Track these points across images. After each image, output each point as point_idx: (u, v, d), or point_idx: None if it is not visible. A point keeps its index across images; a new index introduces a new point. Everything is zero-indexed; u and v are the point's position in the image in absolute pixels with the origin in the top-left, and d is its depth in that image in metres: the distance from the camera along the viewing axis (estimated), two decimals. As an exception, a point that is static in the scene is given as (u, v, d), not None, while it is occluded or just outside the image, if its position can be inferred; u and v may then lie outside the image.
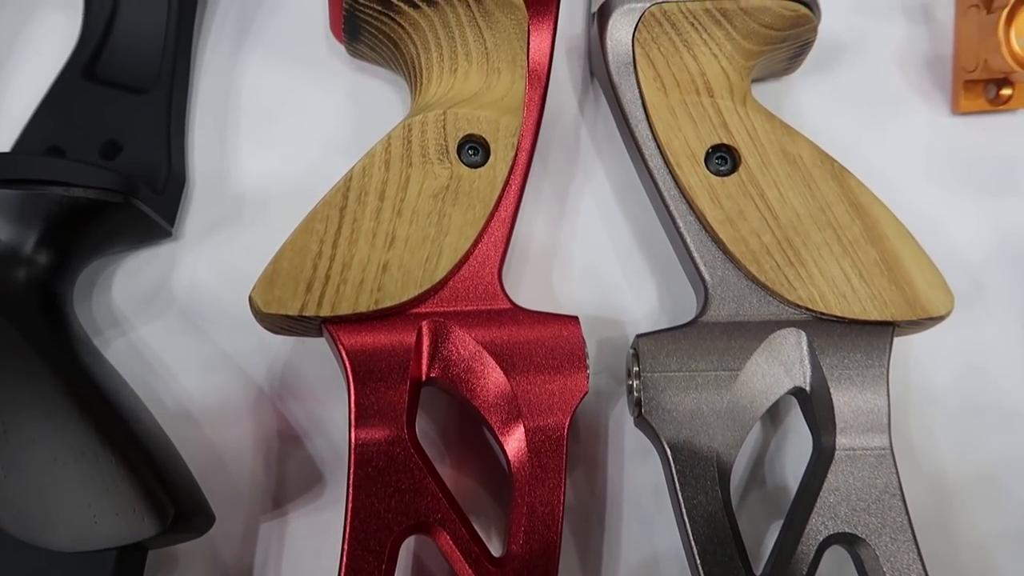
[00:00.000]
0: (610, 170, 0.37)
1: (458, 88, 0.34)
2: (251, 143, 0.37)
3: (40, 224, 0.30)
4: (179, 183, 0.35)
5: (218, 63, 0.38)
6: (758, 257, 0.30)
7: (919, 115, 0.39)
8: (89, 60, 0.36)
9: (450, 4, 0.33)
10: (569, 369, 0.30)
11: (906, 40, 0.40)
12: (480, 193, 0.32)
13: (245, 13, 0.39)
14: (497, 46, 0.34)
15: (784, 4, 0.34)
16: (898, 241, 0.30)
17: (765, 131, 0.32)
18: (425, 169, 0.32)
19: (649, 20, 0.34)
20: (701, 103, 0.32)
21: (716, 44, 0.34)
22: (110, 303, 0.35)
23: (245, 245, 0.36)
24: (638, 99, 0.33)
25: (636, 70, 0.33)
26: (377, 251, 0.30)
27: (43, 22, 0.39)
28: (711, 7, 0.34)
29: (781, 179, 0.31)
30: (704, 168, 0.32)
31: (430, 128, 0.32)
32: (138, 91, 0.35)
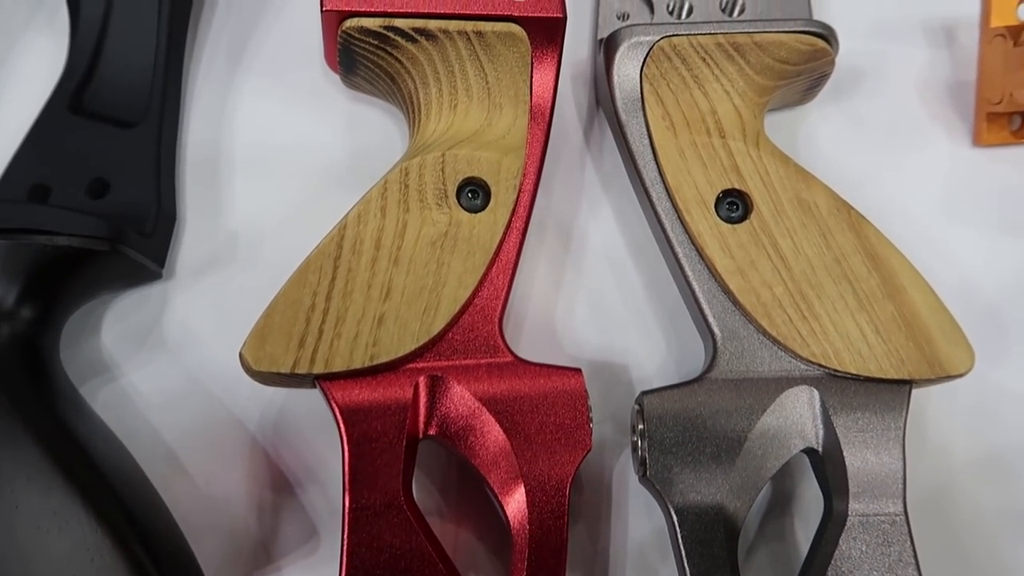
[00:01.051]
0: (616, 206, 0.36)
1: (458, 125, 0.32)
2: (244, 176, 0.36)
3: (22, 275, 0.29)
4: (169, 222, 0.34)
5: (210, 92, 0.37)
6: (770, 310, 0.29)
7: (939, 146, 0.37)
8: (76, 92, 0.34)
9: (449, 38, 0.32)
10: (572, 426, 0.29)
11: (927, 65, 0.38)
12: (480, 239, 0.31)
13: (237, 39, 0.38)
14: (499, 80, 0.33)
15: (800, 38, 0.32)
16: (917, 294, 0.29)
17: (779, 176, 0.30)
18: (423, 215, 0.30)
19: (658, 54, 0.32)
20: (712, 144, 0.31)
21: (728, 80, 0.32)
22: (99, 347, 0.34)
23: (239, 284, 0.34)
24: (646, 139, 0.32)
25: (644, 107, 0.32)
26: (373, 303, 0.29)
27: (29, 47, 0.38)
28: (723, 41, 0.32)
29: (795, 228, 0.30)
30: (714, 214, 0.30)
31: (428, 171, 0.31)
32: (127, 125, 0.34)
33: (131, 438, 0.32)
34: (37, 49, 0.38)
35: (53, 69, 0.36)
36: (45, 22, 0.38)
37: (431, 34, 0.32)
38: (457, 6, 0.32)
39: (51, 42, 0.37)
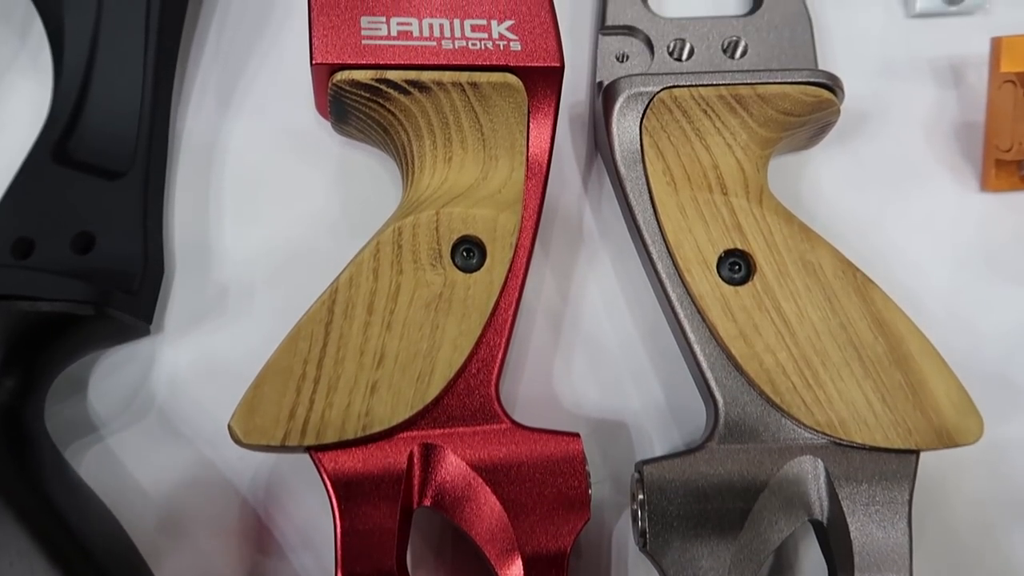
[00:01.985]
0: (615, 255, 0.35)
1: (453, 179, 0.31)
2: (234, 224, 0.35)
3: (2, 343, 0.28)
4: (157, 276, 0.33)
5: (197, 136, 0.36)
6: (773, 377, 0.28)
7: (946, 191, 0.36)
8: (59, 140, 0.33)
9: (444, 89, 0.31)
10: (570, 496, 0.29)
11: (934, 106, 0.37)
12: (476, 300, 0.30)
13: (226, 82, 0.36)
14: (495, 132, 0.32)
15: (805, 89, 0.31)
16: (924, 362, 0.28)
17: (782, 236, 0.29)
18: (416, 276, 0.29)
19: (659, 106, 0.31)
20: (714, 201, 0.30)
21: (730, 133, 0.31)
22: (84, 404, 0.33)
23: (229, 337, 0.34)
24: (646, 193, 0.31)
25: (644, 161, 0.31)
26: (365, 371, 0.28)
27: (11, 89, 0.37)
28: (726, 93, 0.31)
29: (799, 291, 0.29)
30: (716, 275, 0.29)
31: (422, 231, 0.30)
32: (112, 176, 0.33)
33: (118, 502, 0.31)
34: (20, 91, 0.37)
35: (37, 113, 0.35)
36: (28, 63, 0.37)
37: (424, 86, 0.31)
38: (451, 57, 0.31)
39: (35, 84, 0.36)
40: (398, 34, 0.31)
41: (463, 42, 0.31)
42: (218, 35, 0.37)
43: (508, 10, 0.32)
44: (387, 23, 0.31)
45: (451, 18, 0.32)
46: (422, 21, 0.31)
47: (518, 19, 0.32)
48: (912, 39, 0.38)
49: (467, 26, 0.32)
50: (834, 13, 0.38)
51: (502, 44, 0.32)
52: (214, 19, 0.37)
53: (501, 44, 0.32)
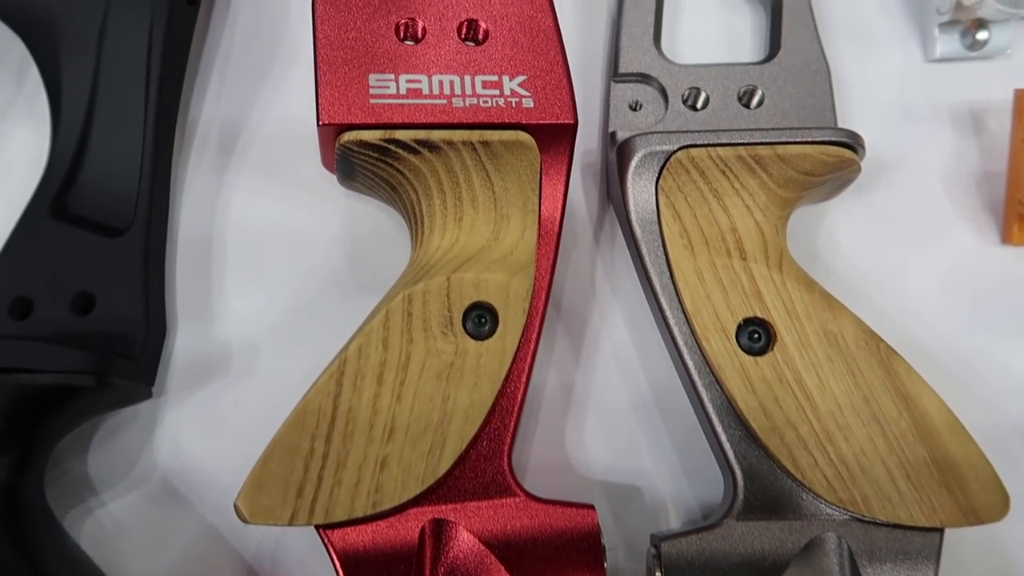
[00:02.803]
0: (628, 313, 0.34)
1: (463, 241, 0.30)
2: (237, 280, 0.34)
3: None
4: (159, 337, 0.32)
5: (199, 188, 0.35)
6: (794, 452, 0.28)
7: (966, 243, 0.35)
8: (57, 195, 0.32)
9: (454, 148, 0.30)
10: (585, 569, 0.28)
11: (954, 154, 0.36)
12: (488, 368, 0.29)
13: (228, 131, 0.36)
14: (506, 190, 0.31)
15: (826, 149, 0.30)
16: (950, 437, 0.27)
17: (803, 304, 0.29)
18: (427, 345, 0.29)
19: (675, 166, 0.30)
20: (732, 267, 0.29)
21: (749, 194, 0.30)
22: (85, 469, 0.32)
23: (233, 399, 0.33)
24: (662, 257, 0.30)
25: (660, 222, 0.30)
26: (375, 445, 0.28)
27: (7, 138, 0.36)
28: (744, 154, 0.30)
29: (821, 362, 0.28)
30: (735, 344, 0.29)
31: (433, 298, 0.29)
32: (112, 232, 0.32)
33: (120, 571, 0.30)
34: (16, 140, 0.36)
35: (34, 162, 0.34)
36: (25, 109, 0.36)
37: (434, 145, 0.30)
38: (462, 115, 0.30)
39: (31, 132, 0.35)
40: (407, 92, 0.30)
41: (474, 99, 0.30)
42: (219, 83, 0.36)
43: (520, 65, 0.31)
44: (396, 81, 0.30)
45: (462, 74, 0.31)
46: (432, 78, 0.30)
47: (531, 74, 0.31)
48: (931, 85, 0.37)
49: (478, 82, 0.31)
50: (852, 58, 0.37)
51: (514, 101, 0.31)
52: (215, 67, 0.36)
53: (513, 101, 0.31)
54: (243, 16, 0.37)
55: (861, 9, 0.38)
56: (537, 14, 0.32)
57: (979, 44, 0.37)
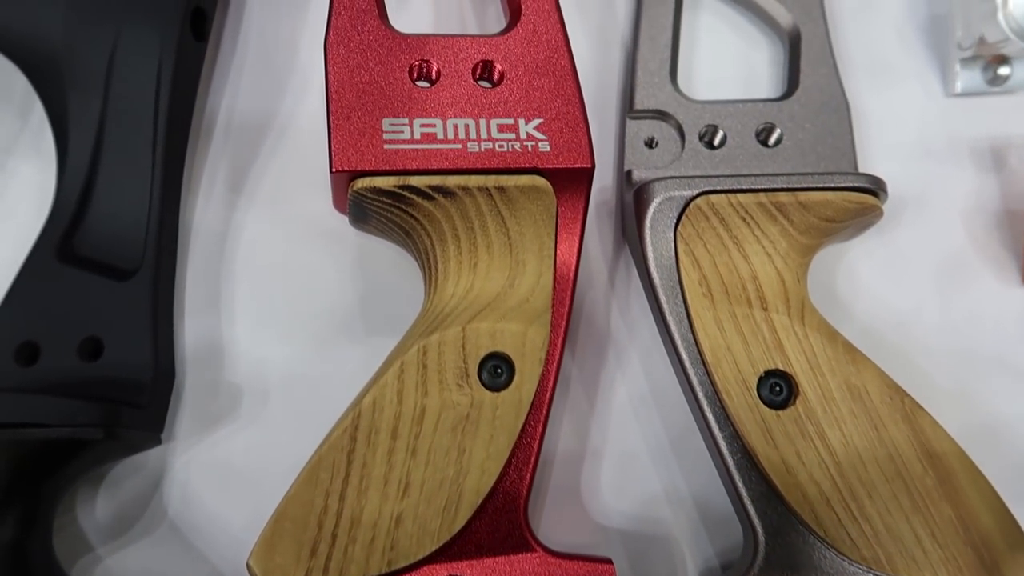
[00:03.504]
0: (645, 354, 0.33)
1: (479, 288, 0.30)
2: (247, 322, 0.33)
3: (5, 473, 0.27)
4: (168, 384, 0.32)
5: (207, 228, 0.34)
6: (816, 508, 0.27)
7: (987, 284, 0.35)
8: (64, 236, 0.32)
9: (469, 194, 0.29)
10: (603, 627, 0.27)
11: (974, 192, 0.36)
12: (504, 420, 0.28)
13: (237, 168, 0.35)
14: (522, 235, 0.30)
15: (848, 196, 0.30)
16: (975, 495, 0.27)
17: (826, 357, 0.28)
18: (442, 398, 0.28)
19: (695, 212, 0.30)
20: (753, 318, 0.29)
21: (770, 241, 0.30)
22: (93, 517, 0.31)
23: (243, 444, 0.32)
24: (681, 306, 0.30)
25: (679, 269, 0.30)
26: (390, 502, 0.27)
27: (12, 176, 0.35)
28: (765, 201, 0.30)
29: (844, 417, 0.28)
30: (756, 397, 0.28)
31: (448, 350, 0.28)
32: (120, 276, 0.31)
33: (130, 623, 0.30)
34: (21, 177, 0.35)
35: (40, 199, 0.34)
36: (30, 145, 0.35)
37: (449, 191, 0.29)
38: (477, 160, 0.30)
39: (36, 168, 0.35)
40: (422, 136, 0.29)
41: (489, 144, 0.30)
42: (227, 120, 0.35)
43: (536, 107, 0.30)
44: (410, 125, 0.29)
45: (477, 118, 0.30)
46: (447, 122, 0.30)
47: (547, 117, 0.30)
48: (951, 120, 0.37)
49: (493, 126, 0.30)
50: (871, 92, 0.37)
51: (530, 145, 0.30)
52: (223, 101, 0.36)
53: (529, 145, 0.30)
54: (252, 51, 0.36)
55: (880, 42, 0.38)
56: (553, 55, 0.31)
57: (1000, 79, 0.36)
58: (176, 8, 0.32)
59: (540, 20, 0.32)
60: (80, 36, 0.32)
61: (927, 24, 0.38)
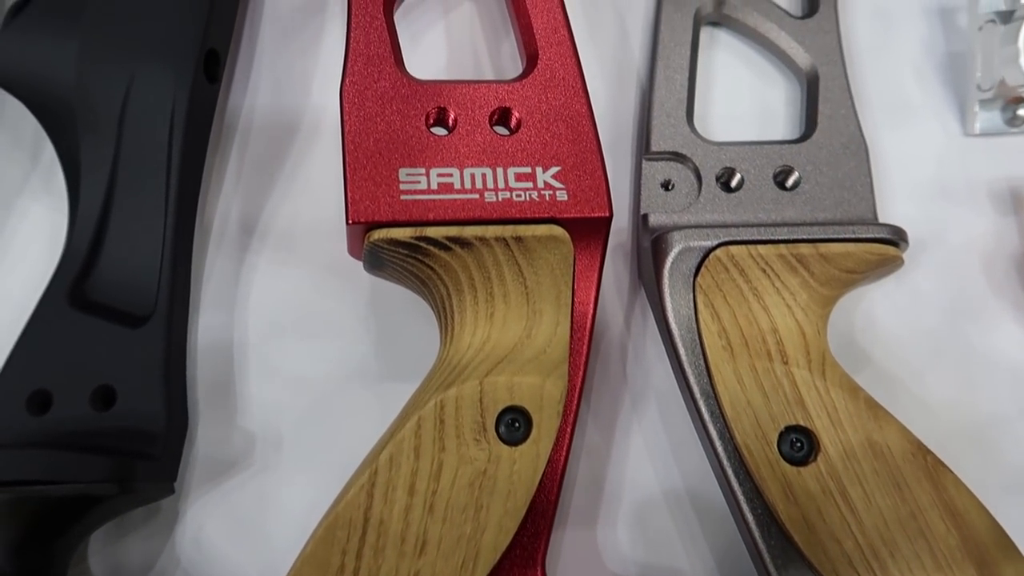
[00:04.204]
0: (661, 399, 0.33)
1: (495, 339, 0.30)
2: (259, 366, 0.33)
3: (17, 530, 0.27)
4: (181, 432, 0.31)
5: (220, 271, 0.34)
6: (838, 567, 0.27)
7: (1008, 330, 0.34)
8: (76, 281, 0.31)
9: (486, 244, 0.29)
10: None
11: (993, 234, 0.35)
12: (522, 475, 0.28)
13: (248, 209, 0.35)
14: (539, 285, 0.30)
15: (870, 248, 0.29)
16: (999, 554, 0.27)
17: (848, 413, 0.28)
18: (460, 453, 0.28)
19: (714, 264, 0.29)
20: (774, 371, 0.28)
21: (790, 293, 0.29)
22: (106, 567, 0.31)
23: (256, 492, 0.32)
24: (700, 358, 0.29)
25: (698, 321, 0.29)
26: (407, 559, 0.27)
27: (23, 217, 0.35)
28: (786, 252, 0.29)
29: (866, 475, 0.27)
30: (776, 452, 0.28)
31: (466, 404, 0.28)
32: (132, 322, 0.31)
33: (143, 676, 0.30)
34: (32, 218, 0.35)
35: (51, 241, 0.33)
36: (41, 186, 0.35)
37: (466, 242, 0.29)
38: (495, 210, 0.29)
39: (48, 209, 0.35)
40: (439, 187, 0.29)
41: (507, 193, 0.30)
42: (240, 162, 0.35)
43: (554, 155, 0.30)
44: (427, 175, 0.29)
45: (494, 166, 0.30)
46: (464, 171, 0.30)
47: (564, 165, 0.30)
48: (970, 160, 0.36)
49: (511, 175, 0.30)
50: (889, 132, 0.37)
51: (548, 194, 0.30)
52: (235, 139, 0.35)
53: (547, 194, 0.30)
54: (263, 93, 0.36)
55: (897, 80, 0.37)
56: (570, 100, 0.31)
57: (1020, 120, 0.36)
58: (190, 50, 0.32)
59: (557, 65, 0.31)
60: (93, 80, 0.32)
61: (945, 61, 0.38)
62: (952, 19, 0.38)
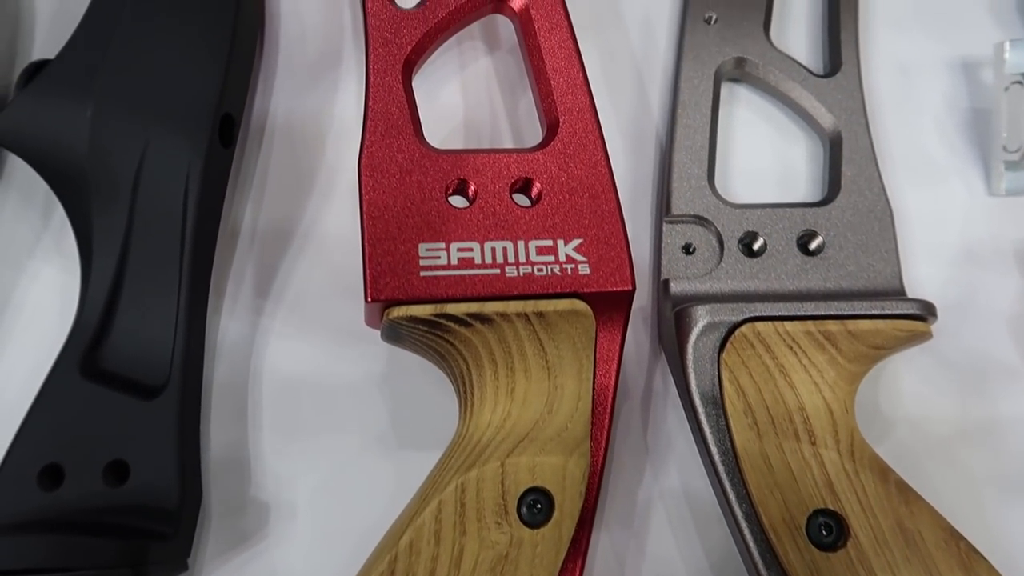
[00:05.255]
0: (683, 470, 0.32)
1: (516, 415, 0.29)
2: (274, 435, 0.33)
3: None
4: (195, 507, 0.31)
5: (233, 336, 0.33)
6: (869, 659, 0.26)
7: (1034, 395, 0.34)
8: (88, 350, 0.31)
9: (507, 320, 0.28)
10: None
11: (1019, 297, 0.35)
12: (544, 558, 0.27)
13: (262, 272, 0.34)
14: (560, 359, 0.29)
15: (898, 324, 0.29)
16: (1034, 646, 0.26)
17: (878, 497, 0.27)
18: (481, 537, 0.27)
19: (740, 340, 0.29)
20: (802, 453, 0.28)
21: (817, 370, 0.29)
22: (119, 644, 0.31)
23: (271, 565, 0.31)
24: (726, 436, 0.29)
25: (723, 398, 0.29)
26: (428, 649, 0.26)
27: (34, 279, 0.34)
28: (814, 329, 0.29)
29: (897, 562, 0.27)
30: (805, 537, 0.27)
31: (487, 487, 0.27)
32: (147, 393, 0.31)
33: None
34: (43, 280, 0.34)
35: (64, 304, 0.33)
36: (52, 247, 0.35)
37: (487, 318, 0.28)
38: (516, 286, 0.29)
39: (59, 270, 0.34)
40: (459, 262, 0.29)
41: (528, 267, 0.29)
42: (253, 217, 0.35)
43: (576, 227, 0.30)
44: (447, 250, 0.29)
45: (515, 240, 0.29)
46: (484, 245, 0.29)
47: (586, 237, 0.30)
48: (995, 221, 0.36)
49: (532, 248, 0.29)
50: (913, 191, 0.36)
51: (569, 268, 0.29)
52: (249, 199, 0.35)
53: (569, 268, 0.29)
54: (277, 151, 0.35)
55: (920, 138, 0.37)
56: (592, 170, 0.30)
57: (1046, 181, 0.35)
58: (206, 116, 0.32)
59: (579, 134, 0.31)
60: (107, 147, 0.31)
61: (969, 118, 0.37)
62: (975, 75, 0.38)
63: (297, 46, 0.37)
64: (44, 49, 0.36)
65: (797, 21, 0.38)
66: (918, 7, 0.39)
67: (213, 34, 0.32)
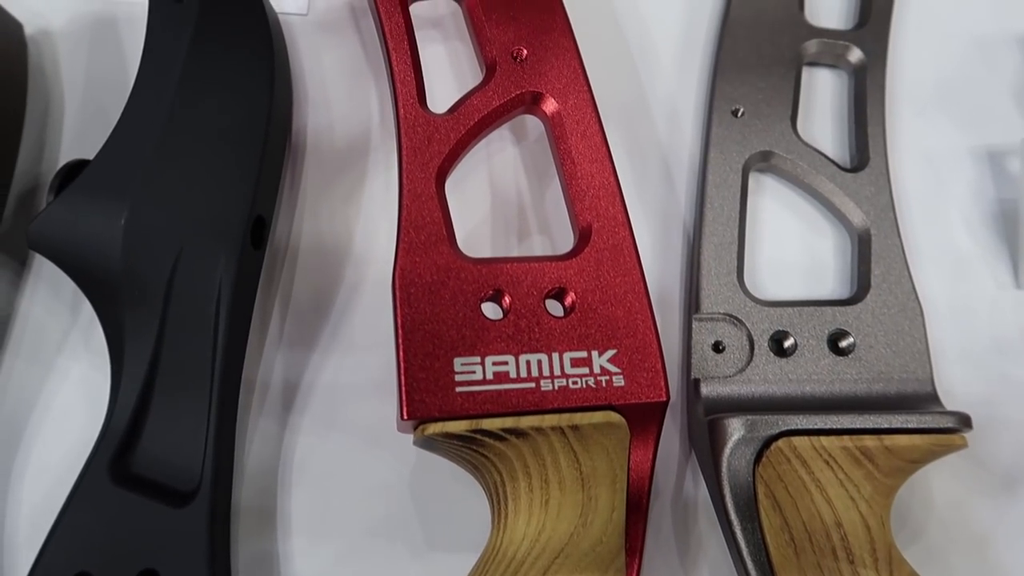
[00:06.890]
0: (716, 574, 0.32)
1: (550, 528, 0.29)
2: (302, 535, 0.32)
3: None
4: (226, 617, 0.31)
5: (262, 439, 0.33)
6: None
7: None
8: (117, 454, 0.31)
9: (542, 433, 0.28)
10: None
11: (1049, 395, 0.35)
12: None
13: (290, 372, 0.34)
14: (595, 470, 0.29)
15: (936, 440, 0.29)
16: None
17: (918, 620, 0.27)
18: (517, 659, 0.27)
19: (776, 455, 0.29)
20: (839, 571, 0.28)
21: (854, 485, 0.29)
22: None
23: (300, 672, 0.31)
24: (762, 552, 0.28)
25: (759, 512, 0.29)
26: None
27: (63, 377, 0.34)
28: (850, 445, 0.29)
29: None
30: (844, 659, 0.27)
31: (523, 607, 0.27)
32: (178, 500, 0.30)
33: None
34: (72, 378, 0.34)
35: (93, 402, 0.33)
36: (80, 343, 0.35)
37: (522, 432, 0.28)
38: (551, 399, 0.29)
39: (89, 367, 0.34)
40: (494, 376, 0.29)
41: (563, 380, 0.29)
42: (281, 315, 0.35)
43: (610, 338, 0.30)
44: (482, 364, 0.29)
45: (550, 352, 0.29)
46: (519, 358, 0.29)
47: (620, 347, 0.30)
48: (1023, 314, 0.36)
49: (567, 360, 0.29)
50: (940, 284, 0.36)
51: (604, 380, 0.29)
52: (277, 296, 0.35)
53: (603, 380, 0.29)
54: (305, 244, 0.35)
55: (947, 230, 0.37)
56: (625, 279, 0.30)
57: (1075, 277, 0.35)
58: (239, 221, 0.32)
59: (612, 242, 0.31)
60: (140, 254, 0.31)
61: (995, 208, 0.37)
62: (1000, 164, 0.38)
63: (325, 136, 0.37)
64: (73, 144, 0.37)
65: (823, 112, 0.38)
66: (943, 96, 0.39)
67: (247, 137, 0.32)
